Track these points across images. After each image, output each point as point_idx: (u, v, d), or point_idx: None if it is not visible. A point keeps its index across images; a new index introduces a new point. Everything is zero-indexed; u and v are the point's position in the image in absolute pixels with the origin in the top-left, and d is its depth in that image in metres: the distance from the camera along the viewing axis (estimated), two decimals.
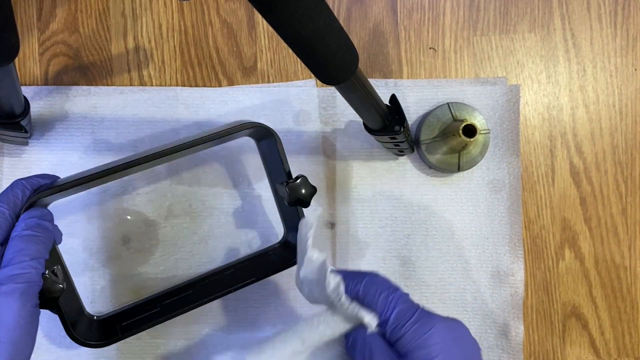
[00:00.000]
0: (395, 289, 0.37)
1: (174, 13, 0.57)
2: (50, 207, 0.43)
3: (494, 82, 0.57)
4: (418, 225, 0.56)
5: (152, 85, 0.56)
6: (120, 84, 0.56)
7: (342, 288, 0.37)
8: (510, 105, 0.57)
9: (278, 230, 0.55)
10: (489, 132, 0.55)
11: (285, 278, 0.55)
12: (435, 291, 0.56)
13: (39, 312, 0.38)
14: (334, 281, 0.37)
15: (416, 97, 0.57)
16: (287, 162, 0.47)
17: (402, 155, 0.56)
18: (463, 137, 0.49)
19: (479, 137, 0.52)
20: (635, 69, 0.59)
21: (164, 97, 0.56)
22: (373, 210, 0.56)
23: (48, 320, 0.53)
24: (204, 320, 0.55)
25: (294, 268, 0.43)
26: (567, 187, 0.58)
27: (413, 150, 0.55)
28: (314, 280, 0.38)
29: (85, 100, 0.55)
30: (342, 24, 0.37)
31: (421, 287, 0.56)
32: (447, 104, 0.55)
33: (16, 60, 0.45)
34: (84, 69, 0.56)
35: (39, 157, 0.55)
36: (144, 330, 0.47)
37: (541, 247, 0.57)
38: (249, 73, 0.57)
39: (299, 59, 0.37)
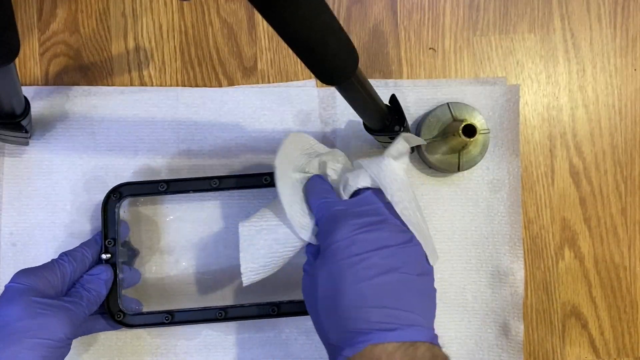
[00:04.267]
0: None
1: (174, 13, 0.57)
2: None
3: (494, 82, 0.58)
4: None
5: (152, 86, 0.56)
6: (121, 84, 0.56)
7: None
8: (510, 105, 0.57)
9: None
10: (488, 132, 0.55)
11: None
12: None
13: None
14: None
15: (416, 97, 0.57)
16: None
17: None
18: (463, 137, 0.49)
19: (478, 137, 0.52)
20: (635, 69, 0.59)
21: (164, 97, 0.56)
22: None
23: None
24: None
25: None
26: (567, 187, 0.58)
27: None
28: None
29: (86, 101, 0.55)
30: (342, 24, 0.37)
31: None
32: (447, 104, 0.55)
33: (16, 60, 0.45)
34: (84, 69, 0.56)
35: (40, 157, 0.55)
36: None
37: (541, 246, 0.57)
38: (249, 73, 0.57)
39: (299, 59, 0.37)
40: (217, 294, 0.55)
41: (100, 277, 0.48)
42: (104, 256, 0.49)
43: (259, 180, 0.50)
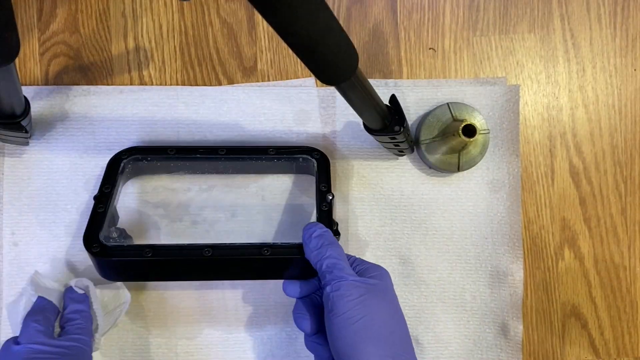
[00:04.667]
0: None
1: (174, 13, 0.57)
2: None
3: (494, 82, 0.58)
4: (418, 225, 0.56)
5: (152, 86, 0.56)
6: (121, 84, 0.56)
7: None
8: (510, 105, 0.57)
9: None
10: (488, 132, 0.55)
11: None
12: (435, 290, 0.56)
13: None
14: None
15: (416, 97, 0.57)
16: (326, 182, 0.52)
17: (402, 155, 0.56)
18: (463, 137, 0.49)
19: (478, 137, 0.52)
20: (635, 69, 0.59)
21: (164, 96, 0.56)
22: (373, 210, 0.56)
23: None
24: (205, 320, 0.55)
25: None
26: (567, 187, 0.58)
27: (413, 150, 0.55)
28: None
29: (85, 100, 0.56)
30: (342, 24, 0.37)
31: (420, 287, 0.56)
32: (447, 104, 0.55)
33: (17, 60, 0.45)
34: (84, 69, 0.56)
35: (40, 157, 0.55)
36: (137, 277, 0.50)
37: (540, 247, 0.57)
38: (249, 73, 0.57)
39: (299, 59, 0.37)
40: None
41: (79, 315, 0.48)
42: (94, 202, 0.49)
43: (264, 151, 0.53)
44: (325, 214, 0.49)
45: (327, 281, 0.42)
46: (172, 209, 0.55)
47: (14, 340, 0.45)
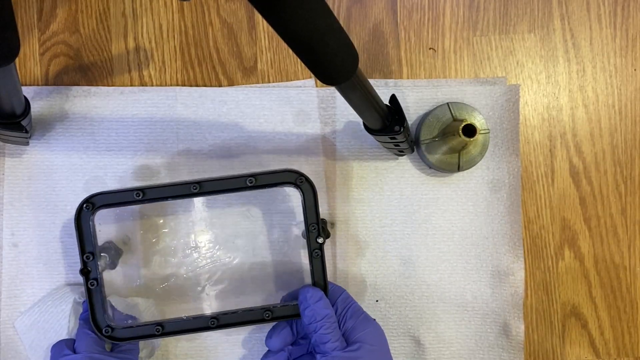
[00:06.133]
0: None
1: (174, 13, 0.57)
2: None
3: (494, 82, 0.58)
4: (418, 225, 0.56)
5: (152, 86, 0.56)
6: (121, 84, 0.56)
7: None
8: (510, 105, 0.57)
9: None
10: (488, 132, 0.55)
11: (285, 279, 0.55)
12: (436, 290, 0.56)
13: None
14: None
15: (416, 97, 0.57)
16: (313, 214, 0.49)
17: (402, 155, 0.56)
18: (463, 137, 0.49)
19: (478, 137, 0.52)
20: (635, 69, 0.59)
21: (163, 97, 0.56)
22: (373, 210, 0.56)
23: None
24: None
25: None
26: (567, 187, 0.58)
27: (413, 150, 0.55)
28: None
29: (85, 101, 0.56)
30: (342, 24, 0.37)
31: (421, 287, 0.56)
32: (447, 104, 0.55)
33: (17, 60, 0.45)
34: (84, 69, 0.56)
35: (40, 158, 0.55)
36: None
37: (541, 246, 0.57)
38: (249, 73, 0.57)
39: (299, 59, 0.37)
40: (211, 295, 0.55)
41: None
42: (83, 275, 0.48)
43: (242, 182, 0.48)
44: (318, 263, 0.49)
45: (315, 352, 0.48)
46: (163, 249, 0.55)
47: (67, 344, 0.47)
